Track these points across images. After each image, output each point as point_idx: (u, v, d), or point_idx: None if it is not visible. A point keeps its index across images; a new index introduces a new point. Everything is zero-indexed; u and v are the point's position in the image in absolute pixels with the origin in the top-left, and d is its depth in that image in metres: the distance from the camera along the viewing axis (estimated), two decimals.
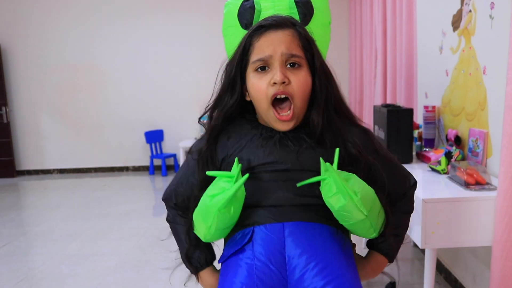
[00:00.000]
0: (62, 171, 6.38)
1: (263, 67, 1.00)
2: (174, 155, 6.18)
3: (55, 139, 6.31)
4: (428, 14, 2.71)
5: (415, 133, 2.71)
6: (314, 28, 1.12)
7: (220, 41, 1.26)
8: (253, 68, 1.02)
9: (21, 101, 6.23)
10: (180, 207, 1.15)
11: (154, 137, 6.16)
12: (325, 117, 1.04)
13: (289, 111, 1.00)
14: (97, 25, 6.06)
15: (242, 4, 1.13)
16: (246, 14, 1.13)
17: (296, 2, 1.13)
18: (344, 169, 0.99)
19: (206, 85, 5.60)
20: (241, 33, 1.11)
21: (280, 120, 1.01)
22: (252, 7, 1.12)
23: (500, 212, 1.65)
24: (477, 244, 1.76)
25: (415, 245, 2.99)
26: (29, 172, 6.39)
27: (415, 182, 1.15)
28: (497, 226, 1.66)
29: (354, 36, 5.49)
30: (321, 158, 0.99)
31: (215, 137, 1.08)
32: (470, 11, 2.14)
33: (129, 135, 6.27)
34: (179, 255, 1.19)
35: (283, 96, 0.99)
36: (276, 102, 1.01)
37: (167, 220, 1.22)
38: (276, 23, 1.01)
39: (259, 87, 1.00)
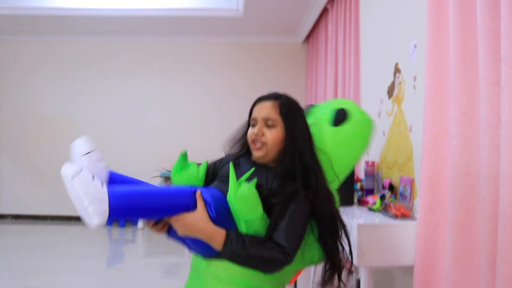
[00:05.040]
0: (17, 217, 6.34)
1: (254, 124, 1.43)
2: None
3: (13, 184, 6.34)
4: (371, 85, 3.27)
5: (358, 185, 3.15)
6: (342, 132, 1.49)
7: (183, 102, 1.67)
8: (250, 124, 1.46)
9: None
10: None
11: None
12: (281, 162, 1.38)
13: (258, 144, 1.40)
14: (69, 79, 6.39)
15: None
16: None
17: (336, 111, 1.52)
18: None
19: (169, 143, 5.97)
20: None
21: (254, 149, 1.42)
22: None
23: (419, 237, 2.05)
24: (403, 263, 2.13)
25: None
26: None
27: (287, 256, 1.22)
28: (417, 246, 2.06)
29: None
30: (231, 163, 1.33)
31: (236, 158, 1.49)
32: (400, 82, 2.68)
33: None
34: None
35: (258, 144, 1.41)
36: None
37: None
38: (265, 97, 1.44)
39: (249, 134, 1.44)
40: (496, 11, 1.50)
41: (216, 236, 1.21)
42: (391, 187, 2.74)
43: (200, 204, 1.21)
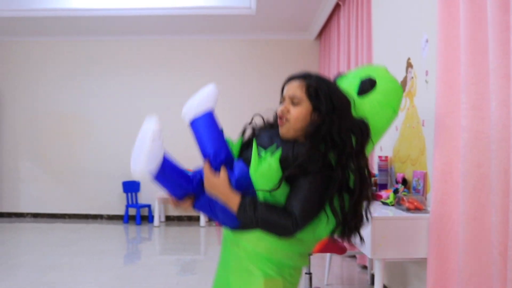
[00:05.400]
0: (35, 215, 6.49)
1: (282, 102, 1.49)
2: (149, 206, 6.42)
3: (32, 183, 6.49)
4: None
5: (371, 180, 3.17)
6: (368, 102, 1.49)
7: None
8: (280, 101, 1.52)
9: (2, 144, 6.48)
10: None
11: (131, 187, 6.42)
12: (308, 138, 1.41)
13: (283, 120, 1.45)
14: (83, 78, 6.53)
15: None
16: None
17: (361, 81, 1.53)
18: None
19: (182, 140, 6.05)
20: None
21: (279, 125, 1.47)
22: None
23: (432, 228, 2.07)
24: (417, 256, 2.15)
25: (372, 283, 3.33)
26: (1, 215, 6.46)
27: (295, 225, 1.32)
28: (430, 238, 2.08)
29: None
30: (254, 139, 1.45)
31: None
32: (412, 77, 2.70)
33: (106, 183, 6.51)
34: None
35: (283, 120, 1.46)
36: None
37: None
38: (294, 76, 1.50)
39: (277, 111, 1.49)
40: (506, 5, 1.52)
41: (232, 199, 1.37)
42: (404, 181, 2.76)
43: (223, 171, 1.40)
